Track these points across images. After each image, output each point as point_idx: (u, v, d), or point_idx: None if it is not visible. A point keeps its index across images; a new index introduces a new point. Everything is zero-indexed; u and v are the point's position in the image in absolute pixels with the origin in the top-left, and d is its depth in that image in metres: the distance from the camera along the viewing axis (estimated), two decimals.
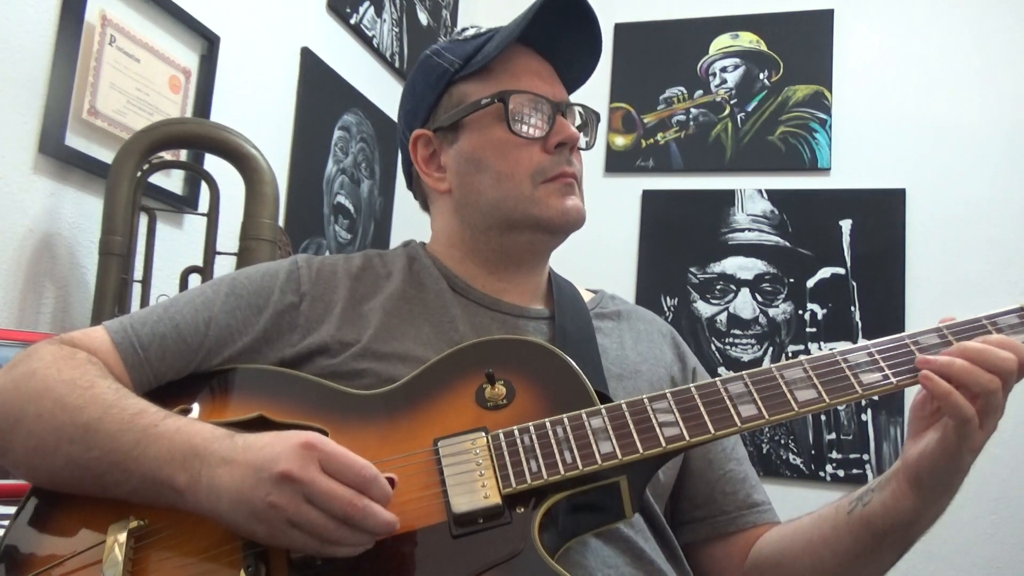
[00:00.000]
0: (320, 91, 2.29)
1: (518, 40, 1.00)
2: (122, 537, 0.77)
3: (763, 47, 2.91)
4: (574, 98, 1.09)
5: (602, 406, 0.83)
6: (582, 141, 1.05)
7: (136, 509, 0.80)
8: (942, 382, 0.79)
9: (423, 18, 2.87)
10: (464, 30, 1.08)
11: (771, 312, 2.74)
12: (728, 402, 0.81)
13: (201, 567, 0.77)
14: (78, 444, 0.80)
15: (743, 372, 0.84)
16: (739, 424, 0.80)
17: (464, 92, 1.02)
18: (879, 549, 0.89)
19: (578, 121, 1.07)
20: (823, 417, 2.63)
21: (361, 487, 0.73)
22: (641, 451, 0.79)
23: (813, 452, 2.62)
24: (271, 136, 2.08)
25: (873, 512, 0.88)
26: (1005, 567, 2.42)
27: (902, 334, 0.84)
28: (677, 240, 2.85)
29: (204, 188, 1.70)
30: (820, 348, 2.65)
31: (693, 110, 2.94)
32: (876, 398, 2.58)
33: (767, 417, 0.80)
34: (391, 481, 0.76)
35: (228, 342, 0.94)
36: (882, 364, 0.82)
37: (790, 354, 2.68)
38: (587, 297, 1.12)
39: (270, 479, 0.72)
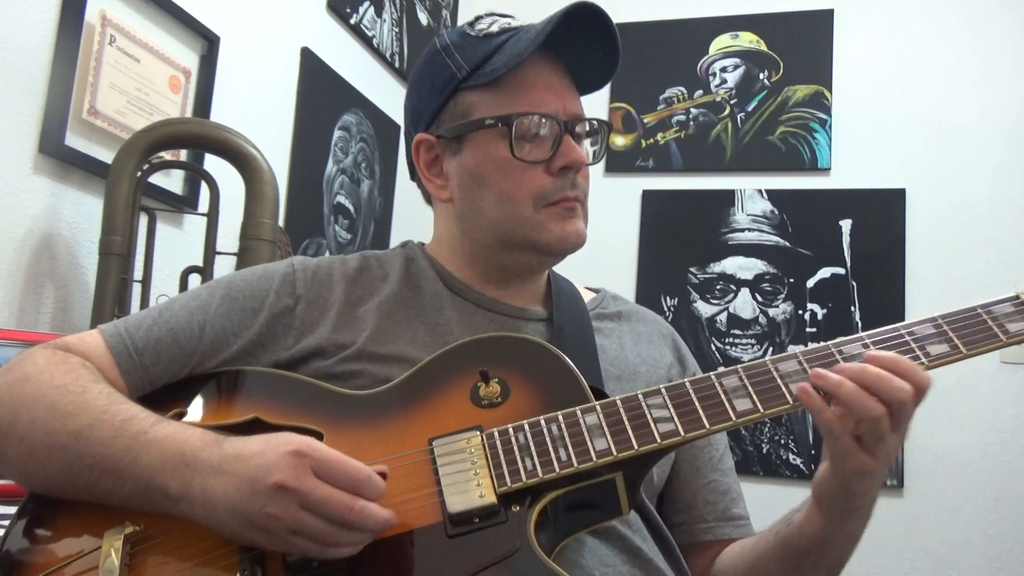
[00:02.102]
0: (320, 91, 2.29)
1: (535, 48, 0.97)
2: (118, 542, 0.77)
3: (763, 47, 2.91)
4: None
5: (597, 403, 0.83)
6: (589, 156, 1.02)
7: (132, 514, 0.80)
8: (816, 398, 0.78)
9: (423, 18, 2.87)
10: (478, 20, 1.02)
11: (771, 312, 2.74)
12: (723, 396, 0.81)
13: (197, 572, 0.77)
14: (70, 451, 0.80)
15: (738, 366, 0.83)
16: (734, 418, 0.80)
17: (470, 103, 0.98)
18: (801, 569, 0.91)
19: (586, 140, 1.02)
20: None
21: (355, 489, 0.73)
22: (636, 447, 0.79)
23: (813, 452, 2.62)
24: (271, 136, 2.09)
25: (791, 532, 0.90)
26: (1005, 567, 2.42)
27: (897, 325, 0.84)
28: (677, 240, 2.86)
29: (204, 188, 1.70)
30: None
31: (693, 110, 2.94)
32: None
33: (762, 411, 0.80)
34: (382, 474, 0.76)
35: (223, 345, 0.94)
36: None
37: None
38: (588, 297, 1.11)
39: (265, 491, 0.72)
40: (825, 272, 2.72)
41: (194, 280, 1.66)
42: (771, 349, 2.71)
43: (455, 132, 0.99)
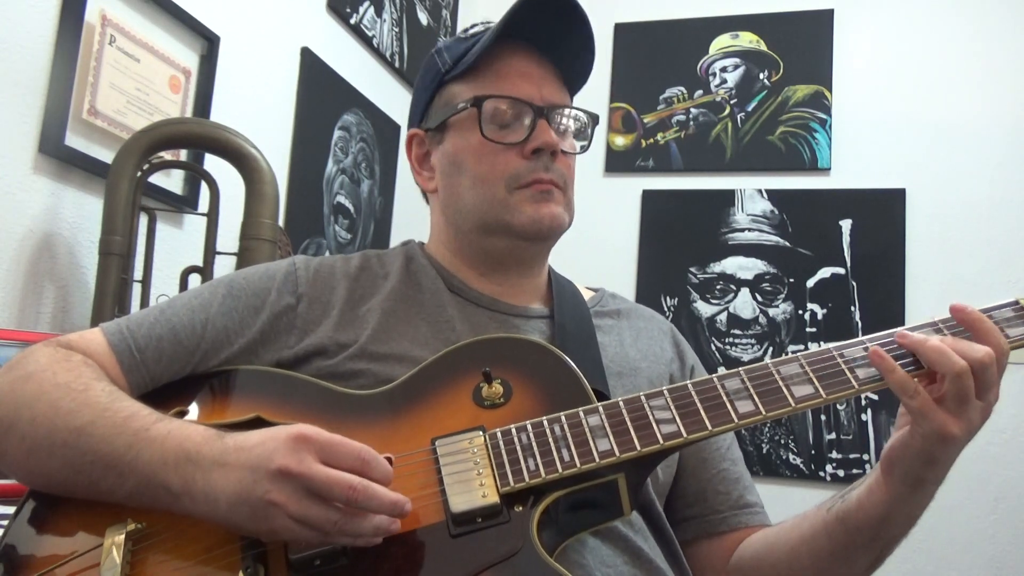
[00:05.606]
0: (320, 91, 2.29)
1: (510, 38, 0.99)
2: (120, 540, 0.77)
3: (763, 47, 2.91)
4: (580, 96, 1.07)
5: (599, 404, 0.83)
6: (576, 145, 1.04)
7: (134, 512, 0.80)
8: (888, 358, 0.79)
9: (423, 18, 2.87)
10: (471, 27, 1.06)
11: (771, 312, 2.74)
12: (725, 399, 0.81)
13: (199, 569, 0.77)
14: (72, 448, 0.80)
15: (740, 368, 0.83)
16: (736, 421, 0.80)
17: (452, 93, 1.02)
18: (851, 547, 0.89)
19: (572, 125, 1.04)
20: (823, 417, 2.63)
21: (361, 470, 0.72)
22: (639, 449, 0.79)
23: (813, 452, 2.62)
24: (271, 136, 2.08)
25: (848, 507, 0.88)
26: (1005, 567, 2.42)
27: (897, 329, 0.84)
28: (677, 240, 2.85)
29: (204, 188, 1.70)
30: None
31: (693, 110, 2.94)
32: (876, 397, 2.58)
33: (764, 413, 0.80)
34: (388, 461, 0.75)
35: (225, 344, 0.94)
36: None
37: (790, 354, 2.67)
38: (587, 295, 1.12)
39: (267, 476, 0.71)
40: (825, 272, 2.72)
41: (194, 280, 1.66)
42: (771, 349, 2.71)
43: (437, 120, 1.03)
